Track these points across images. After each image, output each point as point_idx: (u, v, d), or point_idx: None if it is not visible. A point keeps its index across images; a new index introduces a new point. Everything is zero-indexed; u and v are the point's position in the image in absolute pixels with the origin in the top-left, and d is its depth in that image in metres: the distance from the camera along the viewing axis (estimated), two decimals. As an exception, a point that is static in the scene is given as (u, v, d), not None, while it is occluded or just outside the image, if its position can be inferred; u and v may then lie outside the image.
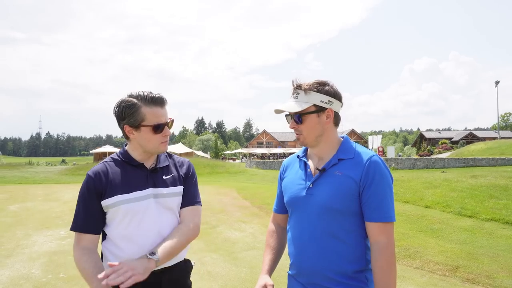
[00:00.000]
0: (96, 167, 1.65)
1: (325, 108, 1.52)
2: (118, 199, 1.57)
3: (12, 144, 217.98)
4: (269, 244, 1.74)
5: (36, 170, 26.50)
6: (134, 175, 1.64)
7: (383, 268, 1.40)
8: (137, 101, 1.58)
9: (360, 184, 1.45)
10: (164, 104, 1.63)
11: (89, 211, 1.58)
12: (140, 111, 1.57)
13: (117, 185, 1.60)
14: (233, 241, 6.37)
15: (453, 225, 6.66)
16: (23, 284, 4.24)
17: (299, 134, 1.57)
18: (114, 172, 1.63)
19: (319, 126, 1.54)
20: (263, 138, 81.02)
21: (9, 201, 10.34)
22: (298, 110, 1.50)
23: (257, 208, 9.33)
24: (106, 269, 1.59)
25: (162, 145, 1.65)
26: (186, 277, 1.76)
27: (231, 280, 4.45)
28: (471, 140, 62.24)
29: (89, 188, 1.59)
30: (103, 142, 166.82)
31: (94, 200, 1.58)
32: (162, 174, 1.70)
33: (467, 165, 25.89)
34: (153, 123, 1.58)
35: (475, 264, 4.80)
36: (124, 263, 1.39)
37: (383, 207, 1.44)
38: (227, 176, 21.29)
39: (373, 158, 1.48)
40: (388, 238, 1.43)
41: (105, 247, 1.64)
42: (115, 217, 1.59)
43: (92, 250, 1.56)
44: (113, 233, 1.60)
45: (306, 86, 1.52)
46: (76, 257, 1.54)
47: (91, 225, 1.58)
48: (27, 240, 6.23)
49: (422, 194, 8.95)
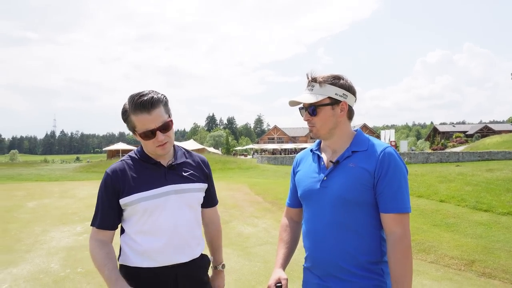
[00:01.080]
0: (114, 165, 1.66)
1: (339, 101, 1.53)
2: (137, 197, 1.59)
3: (28, 142, 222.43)
4: (282, 238, 1.75)
5: (52, 168, 27.01)
6: (152, 173, 1.65)
7: (399, 260, 1.39)
8: (128, 107, 1.56)
9: (374, 176, 1.45)
10: (151, 108, 1.52)
11: (106, 209, 1.61)
12: (130, 119, 1.57)
13: (136, 183, 1.61)
14: (246, 236, 6.41)
15: (469, 219, 6.57)
16: (43, 278, 4.35)
17: (312, 126, 1.57)
18: (132, 170, 1.64)
19: (333, 118, 1.54)
20: (274, 133, 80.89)
21: (27, 198, 10.58)
22: (313, 101, 1.51)
23: (270, 203, 9.35)
24: (121, 261, 1.65)
25: (159, 149, 1.60)
26: (202, 273, 1.76)
27: (244, 274, 4.48)
28: (486, 133, 61.01)
29: (107, 186, 1.62)
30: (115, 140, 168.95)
31: (111, 198, 1.61)
32: (181, 171, 1.70)
33: (482, 158, 25.40)
34: (141, 131, 1.56)
35: (491, 259, 4.74)
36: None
37: (398, 198, 1.43)
38: (238, 172, 21.36)
39: (387, 150, 1.48)
40: (404, 229, 1.42)
41: (123, 241, 1.67)
42: (133, 214, 1.62)
43: (106, 243, 1.62)
44: (131, 229, 1.63)
45: (321, 79, 1.53)
46: (91, 247, 1.60)
47: (108, 222, 1.62)
48: (45, 236, 6.38)
49: (436, 188, 8.85)
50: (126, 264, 1.64)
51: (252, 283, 4.18)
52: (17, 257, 5.15)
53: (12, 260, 4.99)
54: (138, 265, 1.61)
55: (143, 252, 1.60)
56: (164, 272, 1.60)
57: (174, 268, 1.62)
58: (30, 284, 4.16)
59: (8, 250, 5.48)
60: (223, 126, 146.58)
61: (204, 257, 1.80)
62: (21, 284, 4.15)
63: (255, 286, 4.09)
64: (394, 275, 1.39)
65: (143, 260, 1.60)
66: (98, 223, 1.62)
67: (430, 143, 66.84)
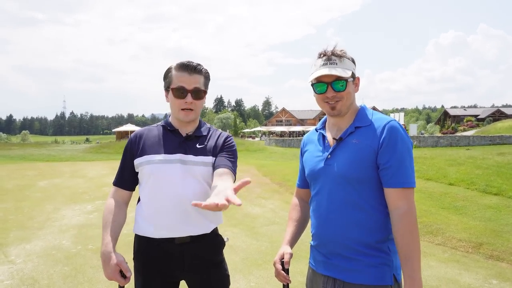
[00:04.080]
0: (139, 130, 1.77)
1: (355, 76, 1.54)
2: (145, 159, 1.63)
3: (38, 123, 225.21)
4: (291, 217, 1.76)
5: (62, 148, 27.38)
6: (168, 139, 1.68)
7: (405, 236, 1.36)
8: (173, 66, 1.66)
9: (378, 151, 1.42)
10: (193, 72, 1.62)
11: (124, 169, 1.71)
12: (170, 75, 1.65)
13: (149, 146, 1.67)
14: (254, 216, 6.47)
15: (478, 203, 6.53)
16: (55, 254, 4.46)
17: (337, 101, 1.50)
18: (150, 135, 1.71)
19: (353, 93, 1.54)
20: (282, 116, 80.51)
21: (38, 178, 10.77)
22: (345, 76, 1.47)
23: (277, 184, 9.39)
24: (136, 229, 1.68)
25: (182, 112, 1.64)
26: (213, 253, 1.71)
27: (251, 253, 4.54)
28: (498, 117, 59.84)
29: (127, 148, 1.71)
30: (124, 121, 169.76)
31: (128, 159, 1.70)
32: (196, 143, 1.69)
33: (493, 142, 25.02)
34: (175, 86, 1.63)
35: (500, 242, 4.72)
36: None
37: (402, 172, 1.39)
38: (246, 154, 21.40)
39: (390, 123, 1.44)
40: (409, 204, 1.38)
41: (136, 209, 1.70)
42: (142, 177, 1.66)
43: (119, 204, 1.67)
44: (142, 194, 1.68)
45: (341, 53, 1.50)
46: (106, 204, 1.67)
47: (124, 181, 1.70)
48: (56, 214, 6.51)
49: (445, 171, 8.77)
50: (137, 233, 1.68)
51: (259, 261, 4.23)
52: (30, 233, 5.29)
53: (25, 237, 5.12)
54: (146, 234, 1.63)
55: (150, 218, 1.62)
56: (169, 246, 1.61)
57: (181, 244, 1.61)
58: (43, 259, 4.27)
59: (21, 227, 5.62)
60: (231, 108, 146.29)
61: (218, 236, 1.76)
62: (35, 259, 4.27)
63: (262, 264, 4.15)
64: (402, 252, 1.37)
65: (149, 228, 1.62)
66: (115, 181, 1.72)
67: (440, 127, 66.00)
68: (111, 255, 1.50)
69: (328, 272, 1.51)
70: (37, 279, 3.73)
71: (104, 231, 1.58)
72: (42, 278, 3.76)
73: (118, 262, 1.50)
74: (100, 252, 1.54)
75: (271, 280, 3.65)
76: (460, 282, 3.69)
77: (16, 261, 4.22)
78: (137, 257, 1.70)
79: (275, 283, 1.65)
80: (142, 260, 1.67)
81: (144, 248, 1.66)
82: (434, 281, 3.71)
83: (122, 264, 1.50)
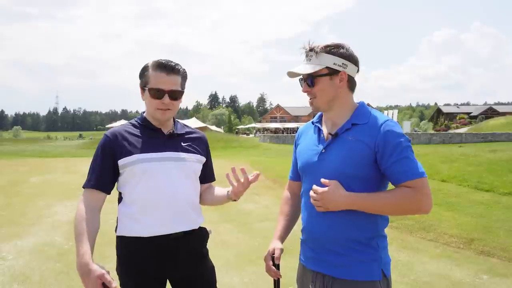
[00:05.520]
0: (113, 129, 1.68)
1: (338, 71, 1.47)
2: (136, 158, 1.59)
3: (30, 119, 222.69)
4: (283, 211, 1.76)
5: (55, 144, 27.18)
6: (152, 138, 1.66)
7: (398, 195, 1.38)
8: (149, 64, 1.63)
9: (375, 150, 1.41)
10: (171, 72, 1.60)
11: (102, 169, 1.59)
12: (147, 74, 1.62)
13: (135, 145, 1.62)
14: (247, 212, 6.48)
15: (470, 199, 6.60)
16: (47, 250, 4.43)
17: (312, 98, 1.53)
18: (132, 134, 1.66)
19: (332, 89, 1.49)
20: (277, 112, 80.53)
21: (30, 173, 10.68)
22: (310, 71, 1.47)
23: (271, 181, 9.41)
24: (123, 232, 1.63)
25: (159, 112, 1.62)
26: (202, 246, 1.77)
27: (245, 249, 4.55)
28: (490, 114, 60.38)
29: (105, 147, 1.61)
30: (118, 117, 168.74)
31: (108, 159, 1.60)
32: (180, 141, 1.72)
33: (485, 140, 25.28)
34: (152, 87, 1.60)
35: (491, 237, 4.78)
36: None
37: (408, 166, 1.37)
38: (240, 151, 21.41)
39: (387, 122, 1.44)
40: (425, 190, 1.37)
41: (121, 210, 1.64)
42: (132, 177, 1.60)
43: (93, 210, 1.53)
44: (130, 194, 1.61)
45: (318, 49, 1.48)
46: (78, 211, 1.52)
47: (103, 183, 1.58)
48: (49, 210, 6.46)
49: (438, 168, 8.85)
50: (124, 234, 1.62)
51: (251, 257, 4.23)
52: (22, 230, 5.24)
53: (16, 233, 5.08)
54: (137, 234, 1.59)
55: (142, 217, 1.57)
56: (163, 242, 1.59)
57: (175, 239, 1.61)
58: (35, 256, 4.24)
59: (13, 223, 5.57)
60: (226, 104, 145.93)
61: (203, 229, 1.79)
62: (26, 256, 4.23)
63: (255, 260, 4.15)
64: (377, 195, 1.41)
65: (141, 227, 1.58)
66: (92, 183, 1.57)
67: (434, 124, 66.40)
68: (90, 268, 1.36)
69: (317, 268, 1.51)
70: (28, 275, 3.70)
71: (78, 241, 1.43)
72: (34, 274, 3.73)
73: (99, 275, 1.34)
74: (77, 265, 1.39)
75: (264, 276, 3.62)
76: (451, 278, 3.72)
77: (7, 257, 4.18)
78: (124, 261, 1.63)
79: (268, 279, 1.65)
80: (134, 262, 1.61)
81: (134, 249, 1.60)
82: (426, 277, 3.74)
83: (104, 277, 1.34)
